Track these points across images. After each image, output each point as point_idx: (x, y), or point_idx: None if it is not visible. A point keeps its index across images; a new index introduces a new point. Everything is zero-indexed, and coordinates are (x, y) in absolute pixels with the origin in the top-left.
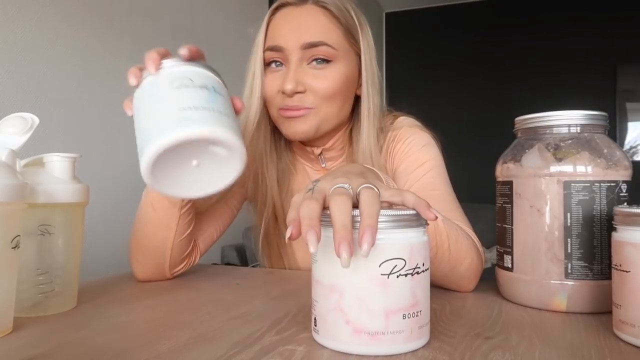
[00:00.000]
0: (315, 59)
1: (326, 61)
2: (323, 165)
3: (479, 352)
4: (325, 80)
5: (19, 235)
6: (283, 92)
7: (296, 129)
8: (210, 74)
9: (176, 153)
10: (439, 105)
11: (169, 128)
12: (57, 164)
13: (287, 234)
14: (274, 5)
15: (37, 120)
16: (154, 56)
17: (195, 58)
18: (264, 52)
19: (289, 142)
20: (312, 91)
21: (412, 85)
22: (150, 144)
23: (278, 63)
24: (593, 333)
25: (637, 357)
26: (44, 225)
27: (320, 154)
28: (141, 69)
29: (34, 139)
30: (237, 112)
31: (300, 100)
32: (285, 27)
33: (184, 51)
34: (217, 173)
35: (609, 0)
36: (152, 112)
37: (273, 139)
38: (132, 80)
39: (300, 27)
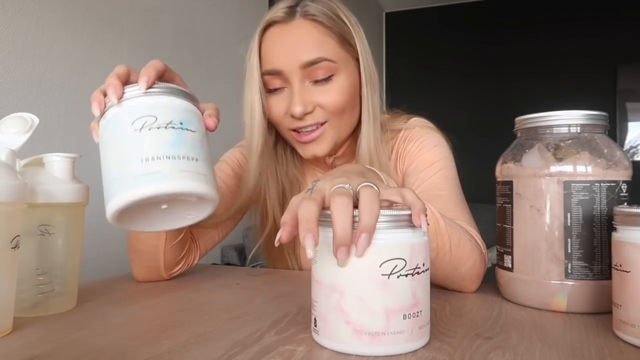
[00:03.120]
0: (318, 77)
1: (328, 75)
2: None
3: (479, 352)
4: (331, 95)
5: (18, 235)
6: (292, 115)
7: (314, 151)
8: (177, 101)
9: (142, 202)
10: (438, 105)
11: (130, 185)
12: (57, 164)
13: (277, 238)
14: (262, 25)
15: (37, 120)
16: (115, 82)
17: (160, 78)
18: (261, 76)
19: (296, 154)
20: (321, 107)
21: (412, 85)
22: (112, 198)
23: (279, 85)
24: (593, 333)
25: (637, 357)
26: (43, 226)
27: (332, 162)
28: (105, 94)
29: (33, 139)
30: (209, 130)
31: (312, 119)
32: (280, 48)
33: (141, 83)
34: (187, 212)
35: (609, 0)
36: (114, 156)
37: (275, 157)
38: (95, 110)
39: (295, 47)
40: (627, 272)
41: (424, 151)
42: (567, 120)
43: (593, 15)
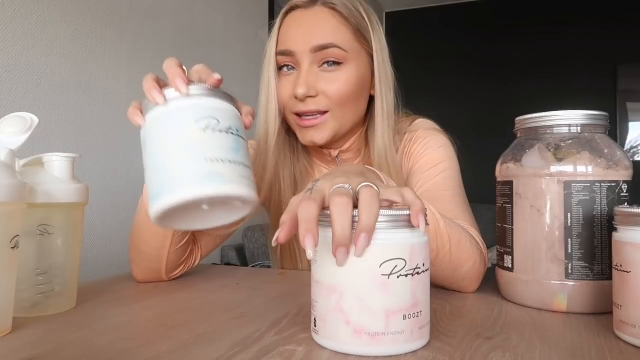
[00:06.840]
0: (326, 62)
1: (337, 63)
2: None
3: (479, 352)
4: (336, 83)
5: (18, 235)
6: (295, 97)
7: (313, 137)
8: (234, 109)
9: (203, 200)
10: (439, 105)
11: (193, 182)
12: (57, 164)
13: (275, 237)
14: (285, 9)
15: (36, 120)
16: (182, 74)
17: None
18: (276, 56)
19: (304, 146)
20: (325, 95)
21: (412, 85)
22: (170, 194)
23: (290, 67)
24: (593, 333)
25: (637, 357)
26: (43, 225)
27: (337, 155)
28: (161, 85)
29: (33, 139)
30: (246, 128)
31: (315, 104)
32: (295, 30)
33: (216, 76)
34: (224, 214)
35: (609, 0)
36: (173, 152)
37: (289, 142)
38: (160, 99)
39: (310, 30)
40: (627, 272)
41: (429, 152)
42: (568, 120)
43: (593, 15)
